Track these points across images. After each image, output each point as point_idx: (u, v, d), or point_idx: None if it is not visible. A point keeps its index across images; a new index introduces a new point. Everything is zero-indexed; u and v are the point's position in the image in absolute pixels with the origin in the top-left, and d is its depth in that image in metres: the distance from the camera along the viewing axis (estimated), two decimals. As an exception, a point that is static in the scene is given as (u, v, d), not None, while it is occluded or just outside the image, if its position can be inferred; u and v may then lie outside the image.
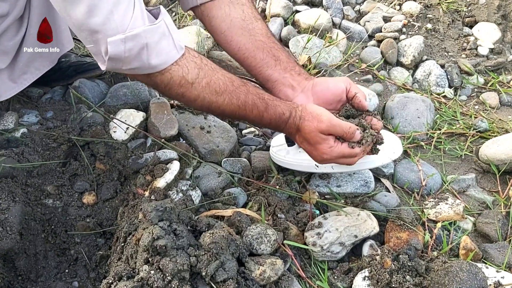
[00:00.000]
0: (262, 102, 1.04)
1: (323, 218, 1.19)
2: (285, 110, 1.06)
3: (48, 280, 1.19)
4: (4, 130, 1.32)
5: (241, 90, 1.02)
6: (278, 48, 1.20)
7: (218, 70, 1.02)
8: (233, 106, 1.02)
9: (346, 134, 1.04)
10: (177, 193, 1.23)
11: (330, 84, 1.16)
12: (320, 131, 1.04)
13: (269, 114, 1.05)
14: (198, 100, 1.01)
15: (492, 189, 1.45)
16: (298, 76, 1.19)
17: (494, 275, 1.08)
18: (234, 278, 0.94)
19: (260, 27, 1.19)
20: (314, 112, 1.05)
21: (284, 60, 1.19)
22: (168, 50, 0.95)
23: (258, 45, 1.18)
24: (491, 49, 2.02)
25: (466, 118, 1.72)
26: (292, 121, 1.06)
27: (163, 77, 0.97)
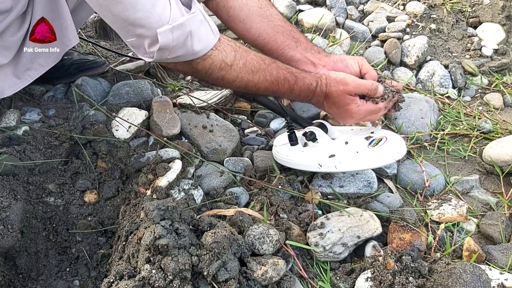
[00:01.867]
0: (292, 75, 1.12)
1: (326, 219, 1.18)
2: (312, 80, 1.15)
3: (49, 279, 1.19)
4: (6, 128, 1.31)
5: (272, 67, 1.10)
6: (296, 31, 1.29)
7: (250, 51, 1.09)
8: (267, 82, 1.10)
9: (371, 90, 1.17)
10: (179, 192, 1.23)
11: (349, 62, 1.26)
12: (347, 92, 1.15)
13: (298, 86, 1.13)
14: (237, 81, 1.08)
15: (495, 191, 1.44)
16: (318, 54, 1.28)
17: (498, 277, 1.07)
18: (236, 278, 0.94)
19: (276, 13, 1.28)
20: (338, 77, 1.15)
21: (303, 41, 1.28)
22: (207, 36, 1.01)
23: (277, 29, 1.26)
24: (495, 50, 2.01)
25: (469, 119, 1.71)
26: (320, 90, 1.15)
27: (204, 63, 1.03)
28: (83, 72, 1.55)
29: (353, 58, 1.28)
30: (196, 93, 1.63)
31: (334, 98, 1.16)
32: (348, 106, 1.17)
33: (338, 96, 1.15)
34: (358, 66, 1.26)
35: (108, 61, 1.71)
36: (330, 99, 1.17)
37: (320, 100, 1.19)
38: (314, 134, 1.27)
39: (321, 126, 1.31)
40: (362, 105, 1.18)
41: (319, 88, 1.15)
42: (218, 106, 1.58)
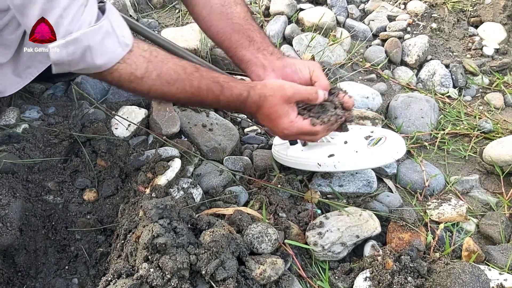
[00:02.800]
0: (217, 85, 1.04)
1: (325, 218, 1.18)
2: (242, 90, 1.06)
3: (48, 277, 1.19)
4: (6, 126, 1.31)
5: (194, 76, 1.03)
6: (254, 29, 1.21)
7: (169, 60, 1.02)
8: (187, 93, 1.03)
9: (310, 98, 1.07)
10: (178, 190, 1.23)
11: (298, 67, 1.17)
12: (285, 99, 1.05)
13: (225, 97, 1.05)
14: (151, 92, 1.02)
15: (495, 191, 1.43)
16: (270, 55, 1.19)
17: (497, 277, 1.07)
18: (234, 277, 0.94)
19: (239, 11, 1.22)
20: (275, 85, 1.07)
21: (258, 40, 1.20)
22: (113, 49, 0.95)
23: (234, 27, 1.20)
24: (496, 50, 2.00)
25: (470, 118, 1.71)
26: (251, 101, 1.07)
27: (112, 76, 0.98)
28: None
29: (304, 63, 1.18)
30: (196, 92, 1.63)
31: (267, 109, 1.06)
32: (280, 119, 1.07)
33: (273, 106, 1.05)
34: (308, 73, 1.16)
35: (108, 59, 1.71)
36: (263, 110, 1.08)
37: (252, 111, 1.10)
38: (314, 133, 1.27)
39: (321, 125, 1.31)
40: (295, 122, 1.07)
41: (250, 98, 1.07)
42: (218, 104, 1.58)
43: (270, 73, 1.18)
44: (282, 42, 1.99)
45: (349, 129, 1.18)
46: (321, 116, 1.09)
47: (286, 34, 2.00)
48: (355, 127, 1.39)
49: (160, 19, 2.11)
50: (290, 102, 1.06)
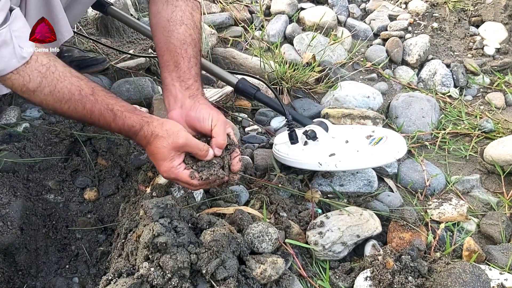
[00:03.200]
0: (110, 113, 1.04)
1: (325, 217, 1.18)
2: (135, 123, 1.05)
3: (48, 276, 1.19)
4: (6, 125, 1.31)
5: (88, 99, 1.02)
6: (185, 56, 1.19)
7: (66, 79, 1.01)
8: (79, 114, 1.03)
9: (199, 153, 1.07)
10: (178, 190, 1.22)
11: (202, 115, 1.14)
12: (174, 146, 1.04)
13: (117, 125, 1.05)
14: (43, 105, 1.02)
15: (496, 190, 1.43)
16: (185, 90, 1.17)
17: (498, 277, 1.07)
18: (234, 276, 0.93)
19: (181, 32, 1.20)
20: (170, 129, 1.05)
21: (182, 69, 1.18)
22: (8, 58, 0.95)
23: (169, 47, 1.19)
24: (497, 49, 2.00)
25: (471, 118, 1.71)
26: (143, 135, 1.06)
27: (5, 83, 0.98)
28: (83, 69, 1.55)
29: (210, 114, 1.13)
30: (196, 91, 1.63)
31: (154, 148, 1.05)
32: (162, 161, 1.06)
33: (160, 147, 1.04)
34: (210, 125, 1.13)
35: (109, 58, 1.71)
36: (150, 148, 1.06)
37: (142, 144, 1.09)
38: (315, 133, 1.27)
39: (322, 124, 1.31)
40: (175, 169, 1.06)
41: (142, 133, 1.05)
42: (219, 104, 1.58)
43: (177, 108, 1.17)
44: (283, 42, 1.99)
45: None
46: (203, 172, 1.07)
47: (287, 34, 2.00)
48: (355, 127, 1.39)
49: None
50: (178, 150, 1.06)
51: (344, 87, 1.68)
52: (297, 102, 1.68)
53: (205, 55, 1.81)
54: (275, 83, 1.70)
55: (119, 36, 1.92)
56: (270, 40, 1.97)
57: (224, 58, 1.81)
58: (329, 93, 1.71)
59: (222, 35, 1.98)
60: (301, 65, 1.75)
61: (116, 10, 1.62)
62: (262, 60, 1.69)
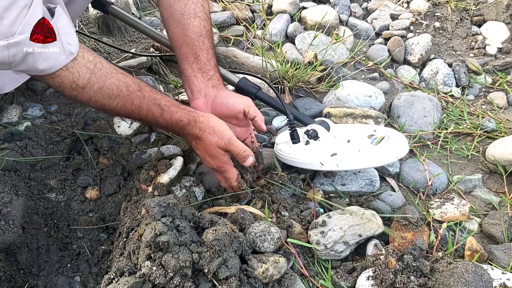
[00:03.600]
0: (158, 108, 1.06)
1: (327, 217, 1.18)
2: (182, 117, 1.09)
3: (50, 275, 1.19)
4: (8, 123, 1.31)
5: (136, 95, 1.04)
6: (203, 48, 1.24)
7: (113, 75, 1.02)
8: (127, 110, 1.04)
9: (239, 155, 1.13)
10: (180, 189, 1.22)
11: (230, 101, 1.23)
12: (218, 146, 1.10)
13: (164, 120, 1.08)
14: (91, 103, 1.02)
15: (498, 190, 1.43)
16: (208, 80, 1.24)
17: (500, 276, 1.06)
18: (236, 275, 0.93)
19: (196, 25, 1.24)
20: (216, 127, 1.11)
21: (202, 60, 1.24)
22: (56, 55, 0.94)
23: (186, 40, 1.23)
24: (499, 49, 2.00)
25: (473, 117, 1.71)
26: (191, 130, 1.10)
27: (54, 80, 0.97)
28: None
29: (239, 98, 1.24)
30: (198, 90, 1.62)
31: (205, 145, 1.12)
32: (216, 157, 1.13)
33: (209, 144, 1.11)
34: (242, 108, 1.22)
35: (111, 57, 1.71)
36: (201, 143, 1.13)
37: (189, 139, 1.15)
38: (316, 132, 1.27)
39: (323, 124, 1.31)
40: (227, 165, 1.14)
41: (190, 128, 1.10)
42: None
43: (201, 97, 1.24)
44: (285, 41, 1.99)
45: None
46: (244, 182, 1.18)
47: (289, 33, 2.00)
48: (357, 126, 1.39)
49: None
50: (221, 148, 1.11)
51: (346, 86, 1.68)
52: (298, 101, 1.68)
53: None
54: (277, 82, 1.70)
55: (120, 35, 1.92)
56: (272, 39, 1.96)
57: (226, 57, 1.81)
58: (331, 92, 1.70)
59: (223, 34, 1.97)
60: (302, 64, 1.74)
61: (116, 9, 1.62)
62: (264, 59, 1.68)
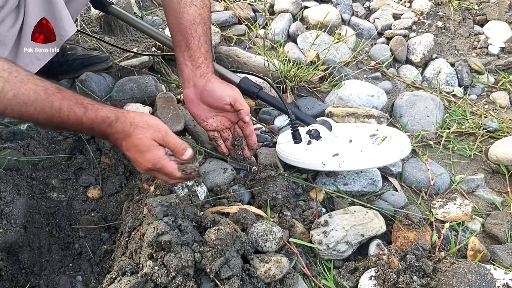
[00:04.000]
0: (80, 106, 1.00)
1: (329, 217, 1.18)
2: (109, 113, 1.03)
3: (52, 274, 1.19)
4: (10, 123, 1.31)
5: (55, 97, 0.99)
6: (195, 36, 1.25)
7: (30, 81, 0.97)
8: (46, 114, 0.98)
9: (177, 149, 1.06)
10: (182, 188, 1.22)
11: (217, 93, 1.24)
12: (154, 138, 1.03)
13: (89, 118, 1.01)
14: (8, 111, 0.98)
15: (501, 190, 1.43)
16: (196, 69, 1.25)
17: (503, 276, 1.06)
18: (238, 275, 0.93)
19: (190, 13, 1.24)
20: (150, 121, 1.05)
21: (193, 48, 1.25)
22: None
23: (180, 28, 1.25)
24: (502, 48, 1.99)
25: (475, 117, 1.70)
26: (121, 125, 1.03)
27: None
28: (87, 68, 1.55)
29: (225, 90, 1.23)
30: (200, 90, 1.62)
31: (137, 139, 1.03)
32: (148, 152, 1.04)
33: (143, 138, 1.03)
34: (228, 100, 1.23)
35: (112, 57, 1.71)
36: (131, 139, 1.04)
37: (118, 137, 1.05)
38: (318, 132, 1.26)
39: (325, 123, 1.30)
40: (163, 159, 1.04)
41: (120, 124, 1.03)
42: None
43: (190, 87, 1.26)
44: (287, 40, 1.99)
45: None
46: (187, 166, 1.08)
47: (291, 32, 1.99)
48: (359, 125, 1.39)
49: (164, 17, 2.11)
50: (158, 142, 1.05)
51: (348, 86, 1.68)
52: (300, 101, 1.67)
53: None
54: (279, 81, 1.69)
55: (122, 34, 1.92)
56: (274, 39, 1.96)
57: (228, 57, 1.81)
58: (333, 92, 1.70)
59: (225, 34, 1.97)
60: (305, 63, 1.74)
61: (117, 9, 1.62)
62: (266, 58, 1.68)
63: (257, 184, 1.26)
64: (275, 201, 1.22)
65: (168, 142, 1.05)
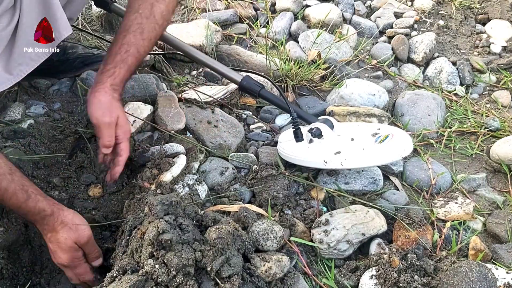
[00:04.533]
0: (24, 194, 1.03)
1: (330, 216, 1.18)
2: (47, 208, 1.06)
3: (52, 272, 1.19)
4: (11, 121, 1.31)
5: (5, 177, 1.01)
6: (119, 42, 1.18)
7: None
8: None
9: (93, 254, 1.12)
10: (183, 187, 1.22)
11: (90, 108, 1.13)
12: (76, 241, 1.08)
13: (27, 207, 1.04)
14: None
15: (502, 189, 1.42)
16: (100, 74, 1.17)
17: (504, 276, 1.06)
18: (239, 274, 0.93)
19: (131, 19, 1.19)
20: (79, 225, 1.09)
21: (110, 53, 1.18)
22: None
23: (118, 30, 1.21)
24: (503, 47, 1.99)
25: (477, 116, 1.70)
26: (52, 221, 1.07)
27: None
28: (88, 66, 1.54)
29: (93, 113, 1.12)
30: (201, 88, 1.63)
31: (60, 237, 1.07)
32: (67, 251, 1.08)
33: (67, 238, 1.07)
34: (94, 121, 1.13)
35: (114, 55, 1.70)
36: (56, 236, 1.07)
37: (46, 230, 1.08)
38: (320, 131, 1.26)
39: (327, 122, 1.30)
40: (80, 260, 1.10)
41: (52, 220, 1.06)
42: (223, 101, 1.58)
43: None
44: (288, 39, 1.98)
45: None
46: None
47: (292, 31, 1.99)
48: (361, 124, 1.39)
49: (165, 15, 2.10)
50: (78, 245, 1.09)
51: (349, 85, 1.68)
52: (302, 100, 1.67)
53: (210, 53, 1.80)
54: (280, 80, 1.69)
55: (123, 33, 1.91)
56: (275, 38, 1.96)
57: (229, 55, 1.80)
58: (334, 90, 1.70)
59: (226, 32, 1.97)
60: (306, 62, 1.74)
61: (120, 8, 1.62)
62: (268, 57, 1.68)
63: (258, 183, 1.26)
64: (276, 200, 1.22)
65: (87, 247, 1.10)
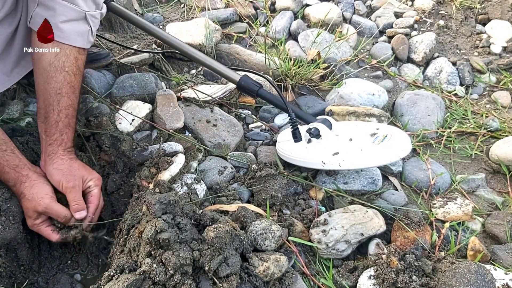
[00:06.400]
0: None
1: (329, 215, 1.17)
2: (10, 179, 1.11)
3: (50, 271, 1.19)
4: (10, 119, 1.31)
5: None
6: (55, 109, 1.16)
7: None
8: None
9: (60, 218, 1.11)
10: (181, 186, 1.22)
11: (52, 179, 1.15)
12: (35, 210, 1.10)
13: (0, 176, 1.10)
14: None
15: (502, 190, 1.42)
16: (48, 146, 1.17)
17: (503, 277, 1.05)
18: (237, 273, 0.93)
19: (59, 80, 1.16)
20: (36, 194, 1.10)
21: (50, 123, 1.16)
22: None
23: (44, 94, 1.16)
24: (504, 48, 1.98)
25: (477, 117, 1.69)
26: (16, 191, 1.12)
27: None
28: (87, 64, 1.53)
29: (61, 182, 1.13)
30: (200, 87, 1.62)
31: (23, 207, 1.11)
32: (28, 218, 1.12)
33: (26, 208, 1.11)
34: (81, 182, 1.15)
35: (113, 54, 1.70)
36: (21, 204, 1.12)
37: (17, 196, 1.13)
38: (318, 131, 1.26)
39: (325, 122, 1.30)
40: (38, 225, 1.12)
41: (16, 189, 1.11)
42: (222, 100, 1.57)
43: (43, 161, 1.18)
44: (288, 38, 1.98)
45: None
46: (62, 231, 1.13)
47: (292, 30, 1.99)
48: (360, 124, 1.38)
49: (165, 14, 2.11)
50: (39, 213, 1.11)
51: (349, 85, 1.67)
52: (301, 99, 1.67)
53: (209, 51, 1.80)
54: (280, 79, 1.69)
55: (123, 31, 1.91)
56: (275, 37, 1.96)
57: (228, 54, 1.80)
58: (334, 90, 1.69)
59: (226, 31, 1.97)
60: (305, 62, 1.74)
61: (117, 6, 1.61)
62: (267, 56, 1.68)
63: (257, 183, 1.26)
64: (274, 199, 1.22)
65: (50, 214, 1.11)
